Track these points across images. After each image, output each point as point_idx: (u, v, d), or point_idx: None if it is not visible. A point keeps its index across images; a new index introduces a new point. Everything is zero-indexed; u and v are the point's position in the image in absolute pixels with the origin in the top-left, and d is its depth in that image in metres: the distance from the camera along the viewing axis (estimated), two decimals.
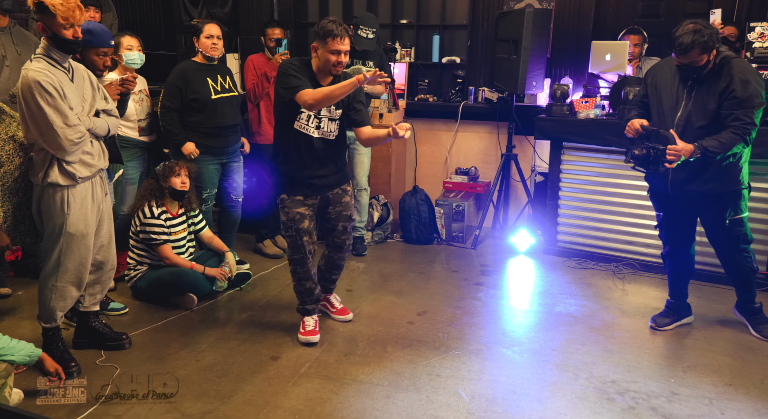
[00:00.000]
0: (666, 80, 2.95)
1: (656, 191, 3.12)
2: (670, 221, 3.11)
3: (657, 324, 3.23)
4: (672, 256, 3.20)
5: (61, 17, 2.41)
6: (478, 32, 4.94)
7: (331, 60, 2.79)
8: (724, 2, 4.51)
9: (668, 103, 2.92)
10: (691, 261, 3.21)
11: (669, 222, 3.12)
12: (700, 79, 2.82)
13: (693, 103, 2.84)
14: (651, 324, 3.25)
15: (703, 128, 2.81)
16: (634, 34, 4.28)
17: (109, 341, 2.96)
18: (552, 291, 3.71)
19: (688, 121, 2.85)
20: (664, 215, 3.12)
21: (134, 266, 3.50)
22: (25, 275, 3.74)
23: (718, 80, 2.78)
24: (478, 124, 4.85)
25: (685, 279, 3.24)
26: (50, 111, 2.43)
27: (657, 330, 3.21)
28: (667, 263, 3.25)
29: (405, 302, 3.54)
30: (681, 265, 3.20)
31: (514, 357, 2.95)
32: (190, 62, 3.66)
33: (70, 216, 2.61)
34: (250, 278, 3.80)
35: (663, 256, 3.26)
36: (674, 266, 3.22)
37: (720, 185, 2.90)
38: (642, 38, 4.28)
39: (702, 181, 2.90)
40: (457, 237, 4.54)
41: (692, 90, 2.85)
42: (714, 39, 2.70)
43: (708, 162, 2.84)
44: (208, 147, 3.67)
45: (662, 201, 3.11)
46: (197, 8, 5.51)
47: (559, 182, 4.18)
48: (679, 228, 3.11)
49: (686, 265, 3.21)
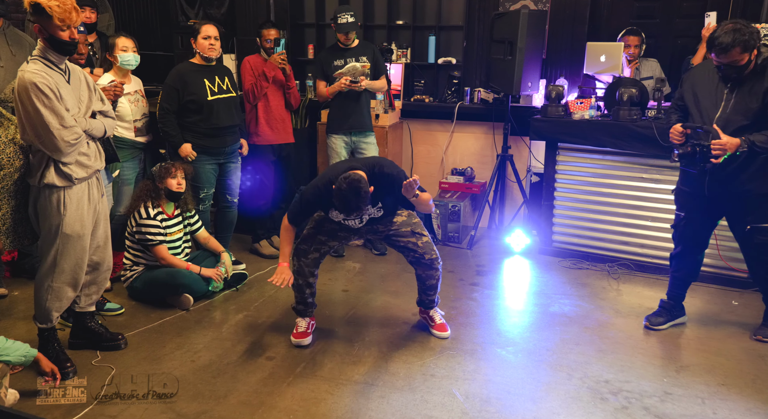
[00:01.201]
0: (704, 83, 2.93)
1: (685, 191, 3.08)
2: (690, 223, 3.08)
3: (651, 323, 3.24)
4: (681, 258, 3.19)
5: (58, 19, 2.41)
6: (473, 33, 4.94)
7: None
8: (719, 4, 4.54)
9: (707, 103, 2.90)
10: (698, 266, 3.20)
11: (688, 224, 3.09)
12: (740, 79, 2.80)
13: (734, 103, 2.82)
14: (645, 323, 3.27)
15: (745, 127, 2.79)
16: (633, 35, 4.28)
17: (105, 341, 2.97)
18: (547, 291, 3.73)
19: (728, 120, 2.83)
20: (686, 216, 3.09)
21: (130, 266, 3.50)
22: (21, 275, 3.75)
23: (761, 80, 2.77)
24: (474, 124, 4.86)
25: (687, 282, 3.24)
26: (46, 112, 2.44)
27: (651, 329, 3.23)
28: (674, 263, 3.23)
29: (400, 302, 3.55)
30: (687, 268, 3.19)
31: (508, 357, 2.97)
32: (187, 64, 3.67)
33: (67, 217, 2.62)
34: (246, 278, 3.80)
35: (672, 256, 3.24)
36: (680, 269, 3.21)
37: (761, 185, 2.87)
38: (641, 39, 4.28)
39: (741, 181, 2.87)
40: (453, 237, 4.55)
41: (733, 90, 2.83)
42: (755, 38, 2.68)
43: (749, 161, 2.82)
44: (205, 147, 3.68)
45: (688, 202, 3.07)
46: (194, 9, 5.52)
47: (555, 183, 4.20)
48: (696, 232, 3.09)
49: (692, 269, 3.20)
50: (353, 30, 4.03)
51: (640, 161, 3.89)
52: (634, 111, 3.76)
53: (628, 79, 3.97)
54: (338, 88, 3.95)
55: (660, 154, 3.72)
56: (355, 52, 4.07)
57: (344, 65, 4.00)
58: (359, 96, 4.07)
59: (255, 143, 4.10)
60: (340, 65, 4.02)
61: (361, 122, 4.10)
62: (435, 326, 3.18)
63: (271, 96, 4.06)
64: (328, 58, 4.08)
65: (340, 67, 4.00)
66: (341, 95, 4.03)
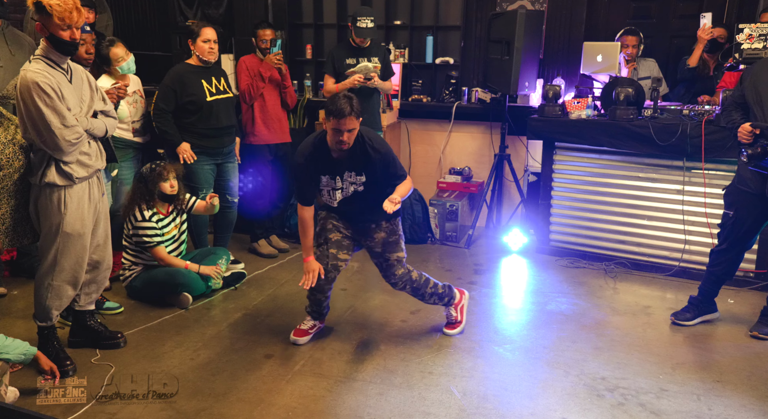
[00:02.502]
0: (766, 80, 2.88)
1: (743, 190, 3.02)
2: (740, 222, 3.04)
3: (677, 318, 3.24)
4: (722, 253, 3.15)
5: (58, 18, 2.42)
6: (471, 33, 4.97)
7: (334, 139, 2.72)
8: (714, 4, 4.57)
9: None
10: (737, 265, 3.17)
11: (738, 224, 3.05)
12: None
13: None
14: (671, 318, 3.26)
15: None
16: (631, 34, 4.27)
17: (105, 340, 2.98)
18: (544, 290, 3.75)
19: None
20: (735, 215, 3.06)
21: (129, 266, 3.51)
22: (21, 274, 3.76)
23: None
24: (471, 124, 4.88)
25: (721, 279, 3.21)
26: (48, 112, 2.45)
27: (678, 324, 3.22)
28: (713, 257, 3.20)
29: (398, 300, 3.57)
30: (726, 265, 3.16)
31: (505, 355, 2.99)
32: (185, 65, 3.68)
33: (67, 216, 2.63)
34: (244, 277, 3.82)
35: (713, 251, 3.21)
36: (719, 264, 3.17)
37: None
38: (639, 39, 4.27)
39: None
40: (451, 237, 4.57)
41: None
42: None
43: None
44: (203, 148, 3.69)
45: (741, 202, 3.03)
46: (192, 9, 5.53)
47: (552, 182, 4.22)
48: (744, 233, 3.06)
49: (730, 267, 3.17)
50: (372, 37, 4.04)
51: (637, 160, 3.91)
52: (630, 110, 3.79)
53: (624, 78, 3.99)
54: (350, 85, 3.95)
55: (656, 153, 3.75)
56: (368, 52, 4.09)
57: (356, 64, 4.03)
58: (371, 94, 4.09)
59: (252, 143, 4.11)
60: (352, 64, 4.04)
61: (371, 121, 4.10)
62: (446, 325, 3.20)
63: (268, 96, 4.08)
64: (341, 55, 4.09)
65: (352, 66, 4.02)
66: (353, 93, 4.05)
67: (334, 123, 2.67)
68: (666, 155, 3.75)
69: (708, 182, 3.66)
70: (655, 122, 3.72)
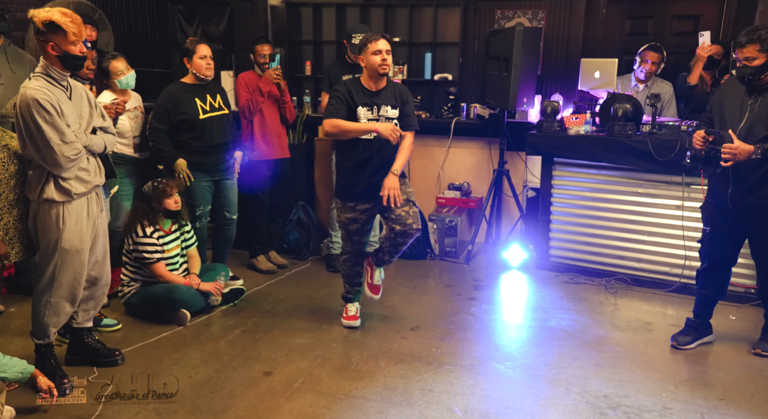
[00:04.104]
0: (732, 95, 2.95)
1: (711, 204, 3.07)
2: (716, 238, 3.06)
3: (678, 343, 3.19)
4: (708, 274, 3.14)
5: (72, 33, 2.47)
6: (469, 50, 5.01)
7: (377, 61, 3.07)
8: (710, 21, 4.61)
9: (733, 114, 2.92)
10: (726, 283, 3.15)
11: (714, 239, 3.07)
12: (760, 86, 2.82)
13: (757, 113, 2.84)
14: (672, 343, 3.20)
15: (766, 138, 2.79)
16: (654, 51, 4.15)
17: (102, 357, 2.96)
18: (544, 306, 3.73)
19: (750, 131, 2.84)
20: (711, 230, 3.07)
21: (128, 282, 3.50)
22: (18, 291, 3.73)
23: None
24: (470, 140, 4.90)
25: (713, 300, 3.19)
26: (47, 128, 2.46)
27: (679, 349, 3.18)
28: (700, 280, 3.19)
29: (398, 317, 3.55)
30: (715, 285, 3.14)
31: (506, 372, 2.96)
32: (178, 84, 3.69)
33: (65, 232, 2.62)
34: (243, 293, 3.80)
35: (698, 272, 3.21)
36: (706, 285, 3.16)
37: None
38: (661, 57, 4.17)
39: (765, 194, 2.86)
40: (450, 252, 4.56)
41: (757, 100, 2.85)
42: None
43: None
44: (199, 164, 3.69)
45: (714, 216, 3.05)
46: (192, 26, 5.57)
47: (551, 197, 4.22)
48: (723, 247, 3.06)
49: (720, 286, 3.14)
50: None
51: (636, 175, 3.92)
52: (629, 126, 3.80)
53: (622, 95, 4.01)
54: None
55: (655, 168, 3.76)
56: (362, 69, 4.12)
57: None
58: None
59: (251, 159, 4.11)
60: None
61: None
62: (371, 286, 3.45)
63: (267, 111, 4.09)
64: (338, 72, 4.12)
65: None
66: None
67: (372, 47, 3.07)
68: (665, 171, 3.76)
69: None
70: (653, 137, 3.73)
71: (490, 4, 4.92)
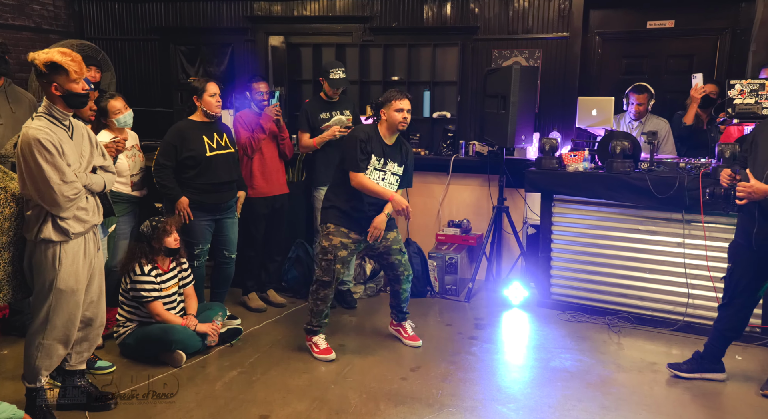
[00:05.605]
0: (766, 135, 2.94)
1: (738, 242, 3.07)
2: (740, 276, 3.05)
3: (678, 370, 3.21)
4: (725, 308, 3.13)
5: (74, 71, 2.51)
6: (467, 88, 5.07)
7: (398, 118, 3.29)
8: (704, 61, 4.68)
9: (763, 157, 2.90)
10: (742, 322, 3.12)
11: (738, 277, 3.05)
12: None
13: None
14: (670, 371, 3.22)
15: None
16: (637, 93, 4.28)
17: (95, 401, 2.88)
18: (547, 345, 3.67)
19: None
20: (735, 268, 3.07)
21: (124, 322, 3.44)
22: (11, 333, 3.67)
23: None
24: (469, 177, 4.91)
25: (726, 337, 3.15)
26: (48, 168, 2.46)
27: (676, 375, 3.19)
28: (718, 314, 3.18)
29: (397, 357, 3.49)
30: (729, 321, 3.11)
31: (509, 415, 2.89)
32: (187, 121, 3.71)
33: (61, 272, 2.59)
34: (241, 333, 3.74)
35: (719, 307, 3.19)
36: (721, 319, 3.14)
37: None
38: (647, 96, 4.27)
39: None
40: (451, 290, 4.52)
41: None
42: None
43: None
44: (200, 203, 3.68)
45: (739, 254, 3.05)
46: (194, 66, 5.66)
47: (551, 234, 4.20)
48: (745, 285, 3.04)
49: (735, 324, 3.11)
50: (344, 86, 4.17)
51: (636, 212, 3.91)
52: (627, 163, 3.81)
53: (620, 132, 4.04)
54: (329, 137, 4.10)
55: (655, 205, 3.75)
56: (339, 106, 4.23)
57: (330, 118, 4.13)
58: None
59: (249, 196, 4.11)
60: (326, 118, 4.16)
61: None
62: (407, 337, 3.64)
63: (265, 148, 4.11)
64: (315, 110, 4.19)
65: (326, 120, 4.14)
66: (326, 148, 4.13)
67: (396, 105, 3.28)
68: (665, 208, 3.75)
69: (708, 235, 3.64)
70: (652, 174, 3.73)
71: (487, 43, 5.01)
